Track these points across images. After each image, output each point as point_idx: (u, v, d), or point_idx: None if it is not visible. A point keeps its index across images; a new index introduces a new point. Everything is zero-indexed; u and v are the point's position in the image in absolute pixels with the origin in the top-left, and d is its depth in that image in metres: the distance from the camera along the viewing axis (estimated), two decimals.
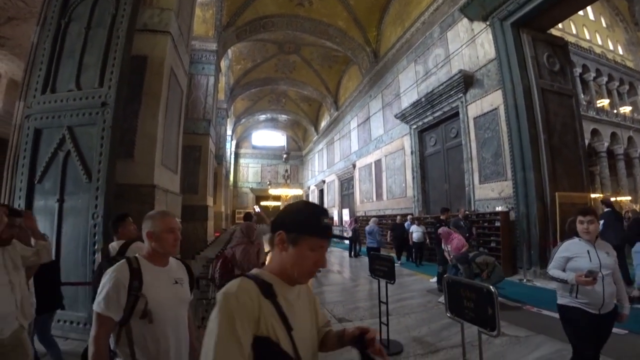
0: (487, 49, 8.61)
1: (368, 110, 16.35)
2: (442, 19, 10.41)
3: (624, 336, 3.79)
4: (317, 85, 21.36)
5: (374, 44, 15.10)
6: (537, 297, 5.59)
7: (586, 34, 19.71)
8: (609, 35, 21.36)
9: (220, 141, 16.32)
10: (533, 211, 7.26)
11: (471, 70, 9.14)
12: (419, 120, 11.64)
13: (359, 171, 17.66)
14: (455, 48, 9.80)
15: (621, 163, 19.03)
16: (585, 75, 18.26)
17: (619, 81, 20.18)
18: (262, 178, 31.94)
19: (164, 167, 5.75)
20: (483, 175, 8.74)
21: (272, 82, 21.28)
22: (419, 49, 11.71)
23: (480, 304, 2.33)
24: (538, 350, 3.50)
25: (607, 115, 18.38)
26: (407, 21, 12.43)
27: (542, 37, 8.39)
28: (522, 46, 8.00)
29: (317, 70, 20.27)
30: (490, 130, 8.52)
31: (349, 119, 19.21)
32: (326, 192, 24.66)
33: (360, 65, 16.42)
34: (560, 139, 7.86)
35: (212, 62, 11.61)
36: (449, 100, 9.99)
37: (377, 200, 15.32)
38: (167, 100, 5.79)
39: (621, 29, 22.01)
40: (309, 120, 27.46)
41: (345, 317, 4.79)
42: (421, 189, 11.83)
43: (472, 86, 9.13)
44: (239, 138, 31.03)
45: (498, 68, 8.16)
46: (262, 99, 25.01)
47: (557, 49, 8.64)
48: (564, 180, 7.62)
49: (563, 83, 8.40)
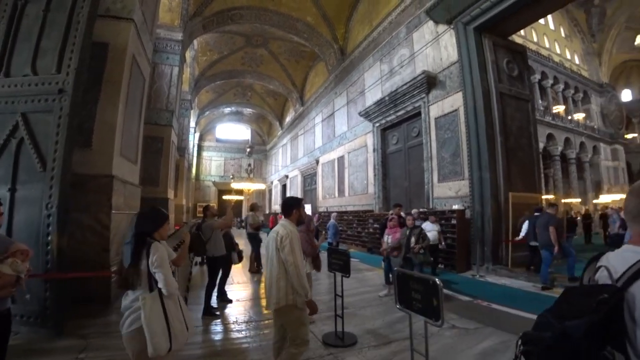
0: (451, 51, 8.89)
1: (333, 106, 16.49)
2: (408, 20, 10.62)
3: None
4: (283, 79, 21.33)
5: (341, 41, 15.22)
6: (488, 292, 5.89)
7: (546, 42, 20.72)
8: (567, 45, 22.53)
9: (183, 133, 15.93)
10: (487, 210, 7.61)
11: (434, 71, 9.41)
12: (383, 118, 11.88)
13: (322, 167, 17.82)
14: (420, 49, 10.05)
15: (573, 167, 20.27)
16: (543, 82, 19.26)
17: (574, 89, 21.45)
18: (225, 171, 31.59)
19: (123, 157, 5.61)
20: (442, 174, 9.05)
21: (239, 75, 21.06)
22: (385, 48, 11.93)
23: (427, 296, 2.46)
24: (486, 341, 3.73)
25: (562, 121, 19.50)
26: (375, 20, 12.60)
27: (502, 43, 8.76)
28: (483, 51, 8.30)
29: (284, 65, 20.22)
30: (450, 131, 8.82)
31: (314, 115, 19.29)
32: (289, 187, 24.69)
33: (327, 61, 16.50)
34: (516, 141, 8.28)
35: (177, 52, 11.29)
36: (412, 100, 10.23)
37: (339, 196, 15.53)
38: (128, 89, 5.64)
39: (578, 40, 23.26)
40: (274, 115, 27.38)
41: None
42: (382, 186, 12.12)
43: (435, 87, 9.41)
44: (203, 130, 30.46)
45: (460, 71, 8.44)
46: (228, 92, 24.68)
47: (516, 55, 9.07)
48: (517, 181, 8.03)
49: (520, 88, 8.83)
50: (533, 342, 0.99)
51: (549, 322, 0.97)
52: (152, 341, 1.88)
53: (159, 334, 1.91)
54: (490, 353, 3.42)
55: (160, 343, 1.90)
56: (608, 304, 0.87)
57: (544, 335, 0.95)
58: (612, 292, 0.90)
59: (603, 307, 0.87)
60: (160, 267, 1.99)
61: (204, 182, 31.12)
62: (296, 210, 2.88)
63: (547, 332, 0.95)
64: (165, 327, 1.95)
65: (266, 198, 32.43)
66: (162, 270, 2.00)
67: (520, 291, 6.06)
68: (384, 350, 3.53)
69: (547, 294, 5.79)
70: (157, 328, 1.91)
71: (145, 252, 2.02)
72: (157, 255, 2.01)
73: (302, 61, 19.75)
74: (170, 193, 10.83)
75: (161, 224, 2.24)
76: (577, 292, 1.03)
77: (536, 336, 0.99)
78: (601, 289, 0.94)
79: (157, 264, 1.99)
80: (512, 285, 6.45)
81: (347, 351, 3.50)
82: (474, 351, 3.47)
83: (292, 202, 2.92)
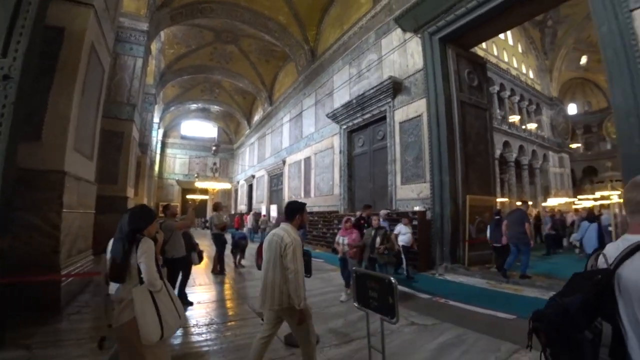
0: (417, 59, 9.18)
1: (301, 107, 16.49)
2: (378, 26, 10.85)
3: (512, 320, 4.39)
4: (253, 78, 21.02)
5: (312, 42, 15.26)
6: (446, 289, 6.16)
7: (505, 56, 21.91)
8: (524, 61, 24.00)
9: (146, 128, 15.18)
10: (447, 211, 7.93)
11: (400, 77, 9.68)
12: (349, 121, 12.04)
13: (289, 167, 17.77)
14: (388, 55, 10.30)
15: (525, 172, 21.58)
16: (502, 93, 20.35)
17: (529, 101, 22.88)
18: (189, 170, 30.55)
19: (77, 152, 5.27)
20: (405, 177, 9.33)
21: (207, 71, 20.51)
22: (355, 52, 12.10)
23: (383, 294, 2.54)
24: (442, 336, 3.86)
25: (517, 130, 20.71)
26: (346, 24, 12.76)
27: (465, 54, 9.20)
28: (447, 60, 8.66)
29: (254, 63, 19.94)
30: (413, 135, 9.11)
31: (282, 115, 19.19)
32: (255, 187, 24.35)
33: (297, 62, 16.47)
34: (474, 147, 8.72)
35: (142, 43, 10.79)
36: (378, 104, 10.46)
37: (305, 197, 15.52)
38: (85, 78, 5.32)
39: (533, 56, 24.88)
40: (242, 113, 26.92)
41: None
42: (348, 188, 12.27)
43: (400, 93, 9.68)
44: (167, 127, 29.33)
45: (424, 78, 8.74)
46: (195, 88, 23.93)
47: (477, 67, 9.56)
48: (474, 184, 8.47)
49: (479, 97, 9.30)
50: (539, 319, 1.12)
51: (554, 299, 1.12)
52: (144, 330, 2.02)
53: (151, 324, 2.05)
54: (446, 347, 3.56)
55: (151, 332, 2.04)
56: (600, 283, 1.03)
57: (547, 311, 1.09)
58: (604, 273, 1.05)
59: (597, 285, 1.03)
60: (145, 259, 2.13)
61: (167, 181, 29.92)
62: (299, 215, 2.90)
63: (551, 309, 1.08)
64: (157, 317, 2.09)
65: (232, 198, 31.75)
66: (146, 261, 2.14)
67: (476, 288, 6.39)
68: (345, 348, 3.57)
69: (499, 290, 6.17)
70: (149, 319, 2.06)
71: (135, 248, 2.16)
72: (144, 248, 2.15)
73: (273, 60, 19.55)
74: (130, 191, 10.30)
75: (151, 221, 2.38)
76: (580, 276, 1.16)
77: (542, 312, 1.11)
78: (597, 272, 1.11)
79: (144, 256, 2.14)
80: (468, 283, 6.78)
81: None
82: (431, 346, 3.59)
83: (295, 207, 2.93)
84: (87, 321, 4.27)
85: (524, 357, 3.23)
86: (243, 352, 3.43)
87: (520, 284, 6.42)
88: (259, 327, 4.14)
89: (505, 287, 6.30)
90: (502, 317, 4.53)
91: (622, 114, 5.27)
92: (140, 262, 2.13)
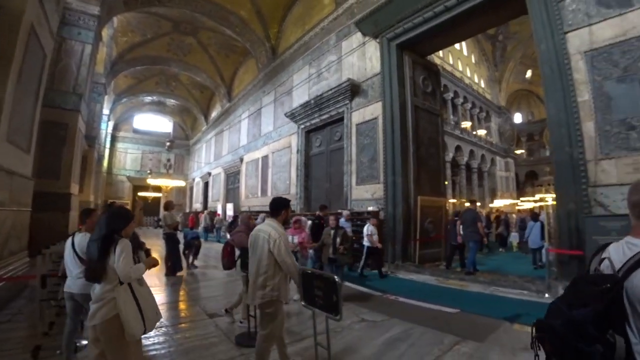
0: (375, 63, 9.42)
1: (260, 105, 16.35)
2: (339, 29, 11.00)
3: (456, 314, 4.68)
4: (211, 72, 20.45)
5: (273, 40, 15.11)
6: (397, 287, 6.38)
7: (460, 66, 23.12)
8: (476, 71, 25.47)
9: (94, 120, 14.24)
10: (399, 211, 8.21)
11: (359, 80, 9.89)
12: (308, 121, 12.11)
13: (246, 166, 17.55)
14: (348, 58, 10.49)
15: (475, 175, 22.88)
16: (455, 100, 21.40)
17: (479, 109, 24.31)
18: (142, 166, 28.84)
19: (11, 143, 4.85)
20: (360, 178, 9.54)
21: (163, 63, 19.65)
22: (315, 53, 12.19)
23: (328, 293, 2.60)
24: (390, 332, 4.01)
25: (468, 135, 21.90)
26: (308, 24, 12.79)
27: (421, 61, 9.57)
28: (403, 66, 8.99)
29: (213, 57, 19.40)
30: (369, 137, 9.34)
31: (241, 112, 18.92)
32: (211, 185, 23.75)
33: (258, 59, 16.26)
34: (426, 150, 9.11)
35: (92, 28, 10.09)
36: (336, 105, 10.63)
37: (262, 195, 15.41)
38: (23, 63, 4.93)
39: (485, 67, 26.50)
40: (199, 109, 26.08)
41: (217, 313, 4.71)
42: (304, 187, 12.35)
43: (358, 95, 9.89)
44: (119, 119, 27.60)
45: (381, 82, 8.99)
46: (150, 79, 22.79)
47: (431, 74, 9.98)
48: (426, 186, 8.85)
49: (433, 103, 9.73)
50: (545, 329, 1.07)
51: (560, 309, 1.07)
52: (129, 326, 2.12)
53: (133, 320, 2.15)
54: (393, 342, 3.70)
55: (135, 328, 2.15)
56: (611, 293, 0.98)
57: (554, 322, 1.04)
58: (613, 282, 1.00)
59: (606, 295, 0.97)
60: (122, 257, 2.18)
61: (117, 177, 28.07)
62: (284, 211, 3.01)
63: (557, 320, 1.03)
64: (139, 313, 2.19)
65: (187, 196, 30.68)
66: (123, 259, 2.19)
67: (425, 285, 6.70)
68: (296, 346, 3.59)
69: (446, 286, 6.51)
70: (131, 315, 2.15)
71: (114, 248, 2.20)
72: (121, 247, 2.21)
73: (233, 56, 19.12)
74: (75, 188, 9.61)
75: (128, 222, 2.44)
76: (585, 281, 1.12)
77: (548, 324, 1.07)
78: (604, 279, 1.06)
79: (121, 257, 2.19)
80: (418, 280, 7.08)
81: None
82: (379, 341, 3.72)
83: (280, 203, 3.03)
84: (20, 330, 3.97)
85: (465, 348, 3.46)
86: (193, 355, 3.38)
87: (465, 279, 6.83)
88: (210, 328, 4.10)
89: (452, 283, 6.66)
90: (447, 311, 4.79)
91: (555, 125, 5.78)
92: (117, 262, 2.17)
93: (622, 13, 5.20)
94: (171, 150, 23.47)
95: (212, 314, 4.71)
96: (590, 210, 5.22)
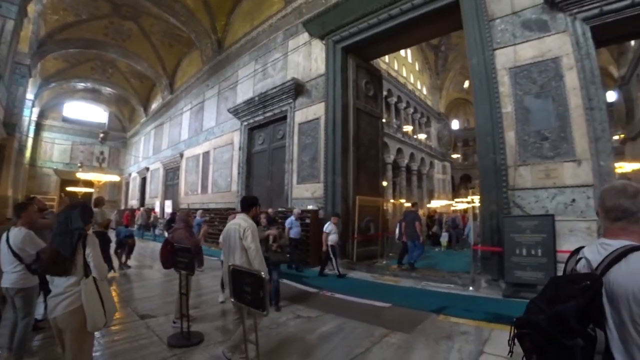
0: (320, 64, 9.59)
1: (203, 99, 15.90)
2: (287, 27, 11.03)
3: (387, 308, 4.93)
4: (153, 62, 19.34)
5: (220, 33, 14.74)
6: (334, 284, 6.57)
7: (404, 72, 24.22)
8: (419, 78, 26.88)
9: (16, 105, 12.81)
10: (338, 210, 8.36)
11: (303, 80, 10.01)
12: (251, 118, 12.02)
13: (187, 161, 16.95)
14: (294, 57, 10.56)
15: (415, 177, 24.11)
16: (398, 104, 22.36)
17: (421, 114, 25.67)
18: (72, 158, 26.19)
19: None
20: (301, 177, 9.67)
21: (99, 47, 18.20)
22: (262, 50, 12.11)
23: (255, 289, 2.65)
24: (324, 327, 4.14)
25: (409, 139, 23.00)
26: (257, 20, 12.65)
27: (364, 65, 9.89)
28: (347, 69, 9.24)
29: (156, 46, 18.38)
30: (311, 137, 9.50)
31: (183, 106, 18.22)
32: (149, 180, 22.47)
33: (203, 51, 15.74)
34: (366, 152, 9.45)
35: (15, 1, 9.14)
36: (280, 103, 10.66)
37: (202, 193, 15.04)
38: None
39: (427, 75, 28.08)
40: (138, 99, 24.51)
41: (149, 314, 4.55)
42: (245, 185, 12.21)
43: (302, 95, 10.01)
44: (46, 106, 24.76)
45: (325, 83, 9.18)
46: (84, 64, 20.93)
47: (374, 78, 10.36)
48: (365, 186, 9.17)
49: (374, 106, 10.11)
50: (528, 326, 1.08)
51: (540, 307, 1.09)
52: (92, 318, 2.22)
53: (97, 313, 2.25)
54: (327, 336, 3.83)
55: (98, 320, 2.27)
56: (591, 289, 1.00)
57: (537, 318, 1.05)
58: (593, 279, 1.03)
59: (587, 291, 1.00)
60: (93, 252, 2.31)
61: (42, 169, 25.10)
62: (255, 207, 3.46)
63: (540, 316, 1.05)
64: (101, 306, 2.29)
65: (122, 192, 28.56)
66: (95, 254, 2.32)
67: (361, 281, 6.97)
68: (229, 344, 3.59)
69: (380, 282, 6.84)
70: (95, 308, 2.25)
71: (82, 244, 2.28)
72: (93, 247, 2.33)
73: (177, 46, 18.24)
74: None
75: (92, 217, 2.60)
76: (563, 280, 1.16)
77: (531, 320, 1.08)
78: (584, 277, 1.09)
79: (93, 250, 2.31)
80: (355, 277, 7.33)
81: (192, 350, 3.43)
82: (313, 336, 3.83)
83: (252, 201, 3.47)
84: None
85: (393, 339, 3.69)
86: (121, 358, 3.26)
87: (399, 275, 7.24)
88: (141, 330, 3.95)
89: (386, 279, 7.02)
90: (379, 305, 5.04)
91: (482, 133, 6.35)
92: (89, 255, 2.29)
93: (541, 37, 5.90)
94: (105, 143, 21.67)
95: (144, 315, 4.52)
96: (509, 211, 5.82)
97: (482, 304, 5.06)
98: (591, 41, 5.56)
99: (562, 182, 5.47)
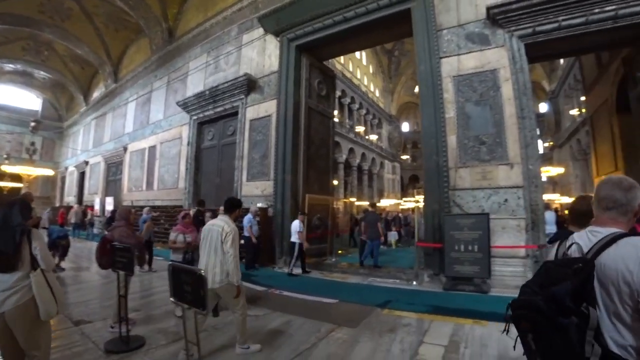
0: (273, 61, 9.54)
1: (151, 90, 15.11)
2: (242, 21, 10.83)
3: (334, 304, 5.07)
4: (96, 46, 17.90)
5: (171, 21, 14.07)
6: (282, 282, 6.59)
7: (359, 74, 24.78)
8: (373, 80, 27.67)
9: None
10: (287, 208, 8.46)
11: (256, 76, 9.90)
12: (201, 112, 11.66)
13: (131, 155, 15.94)
14: (247, 52, 10.42)
15: (366, 176, 24.83)
16: (352, 105, 22.88)
17: (373, 115, 26.49)
18: None
19: None
20: (251, 174, 9.58)
21: (33, 25, 16.46)
22: (215, 42, 11.79)
23: (195, 287, 2.64)
24: (272, 324, 4.18)
25: (361, 139, 23.62)
26: (211, 11, 12.27)
27: (318, 65, 9.99)
28: (300, 68, 9.27)
29: (99, 30, 17.05)
30: (262, 134, 9.45)
31: (128, 96, 17.15)
32: (88, 175, 20.86)
33: (152, 39, 14.92)
34: (317, 150, 9.58)
35: None
36: (231, 98, 10.45)
37: (147, 189, 14.33)
38: None
39: (381, 78, 29.00)
40: (78, 86, 22.58)
41: (85, 319, 4.26)
42: (193, 181, 11.80)
43: (254, 91, 9.90)
44: None
45: (278, 80, 9.17)
46: (13, 43, 18.96)
47: (327, 78, 10.50)
48: (315, 184, 9.30)
49: (326, 106, 10.27)
50: (525, 307, 1.15)
51: (533, 290, 1.16)
52: (45, 307, 2.32)
53: (49, 302, 2.34)
54: (274, 333, 3.88)
55: (51, 308, 2.36)
56: (584, 271, 1.08)
57: (534, 299, 1.12)
58: (585, 262, 1.12)
59: (581, 273, 1.07)
60: (41, 249, 2.41)
61: None
62: (238, 209, 3.56)
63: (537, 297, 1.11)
64: (52, 296, 2.37)
65: (57, 187, 26.13)
66: (42, 247, 2.43)
67: (310, 278, 7.09)
68: (173, 347, 3.47)
69: (329, 279, 7.00)
70: (46, 297, 2.34)
71: (27, 239, 2.35)
72: (39, 241, 2.43)
73: (123, 31, 17.07)
74: None
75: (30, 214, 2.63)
76: (555, 264, 1.23)
77: (527, 301, 1.15)
78: (575, 260, 1.17)
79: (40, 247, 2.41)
80: (303, 275, 7.40)
81: (132, 355, 3.29)
82: (259, 334, 3.82)
83: (235, 203, 3.59)
84: None
85: (339, 334, 3.81)
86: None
87: (347, 272, 7.47)
88: (75, 337, 3.72)
89: (335, 277, 7.19)
90: (327, 302, 5.16)
91: (427, 136, 6.77)
92: (36, 254, 2.37)
93: (482, 49, 6.43)
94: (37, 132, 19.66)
95: (79, 320, 4.22)
96: (450, 209, 6.27)
97: (424, 297, 5.38)
98: (525, 57, 6.16)
99: (496, 184, 6.01)
